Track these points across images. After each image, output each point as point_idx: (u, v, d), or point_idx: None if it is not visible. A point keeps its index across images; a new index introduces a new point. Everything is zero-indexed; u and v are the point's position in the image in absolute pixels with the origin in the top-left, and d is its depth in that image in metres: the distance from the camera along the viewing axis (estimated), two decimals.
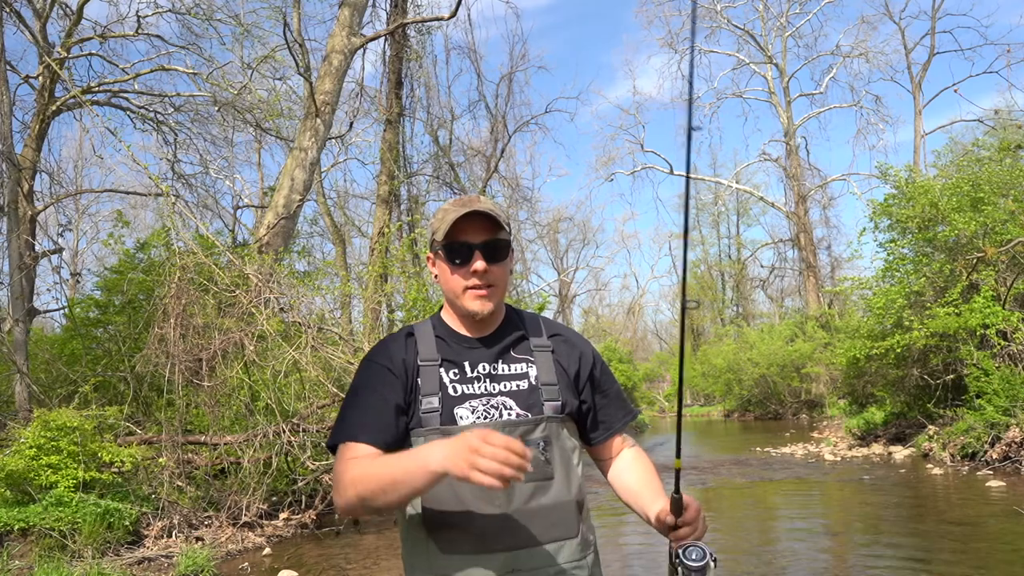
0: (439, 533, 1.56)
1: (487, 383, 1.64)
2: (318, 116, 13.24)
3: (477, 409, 1.61)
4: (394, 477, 1.44)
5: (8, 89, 10.75)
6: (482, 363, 1.67)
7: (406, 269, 15.44)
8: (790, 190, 34.66)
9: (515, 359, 1.69)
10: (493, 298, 1.67)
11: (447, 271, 1.69)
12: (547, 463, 1.60)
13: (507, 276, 1.72)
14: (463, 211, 1.64)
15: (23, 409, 9.02)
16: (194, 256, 9.15)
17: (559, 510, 1.60)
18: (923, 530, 7.46)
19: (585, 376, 1.74)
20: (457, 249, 1.66)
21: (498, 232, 1.68)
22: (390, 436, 1.58)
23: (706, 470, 12.98)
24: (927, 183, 14.26)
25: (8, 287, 10.82)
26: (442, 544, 1.55)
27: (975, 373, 11.47)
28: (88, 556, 6.53)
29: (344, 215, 27.66)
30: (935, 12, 30.20)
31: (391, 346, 1.71)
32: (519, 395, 1.64)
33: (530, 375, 1.67)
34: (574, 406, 1.69)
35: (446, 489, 1.52)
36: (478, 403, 1.62)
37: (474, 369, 1.66)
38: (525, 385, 1.66)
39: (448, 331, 1.72)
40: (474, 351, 1.69)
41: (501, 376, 1.66)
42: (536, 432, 1.61)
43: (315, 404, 8.79)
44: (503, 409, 1.61)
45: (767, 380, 29.26)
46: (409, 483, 1.42)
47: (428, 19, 19.43)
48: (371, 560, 7.08)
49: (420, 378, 1.63)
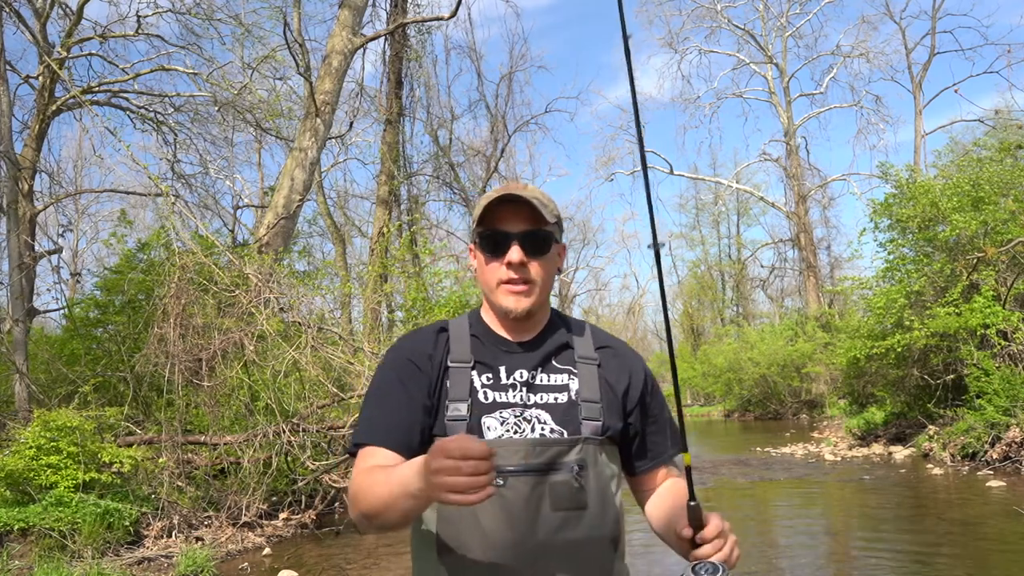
0: (451, 558, 1.38)
1: (523, 392, 1.47)
2: (318, 116, 13.24)
3: (508, 420, 1.44)
4: (389, 495, 1.29)
5: (8, 89, 10.75)
6: (520, 370, 1.49)
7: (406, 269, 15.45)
8: (790, 190, 34.66)
9: (556, 369, 1.52)
10: (530, 296, 1.50)
11: (482, 261, 1.54)
12: (580, 489, 1.40)
13: (550, 274, 1.55)
14: (499, 195, 1.49)
15: (23, 409, 9.02)
16: (194, 256, 9.15)
17: (591, 546, 1.41)
18: (923, 530, 7.46)
19: (635, 397, 1.55)
20: (493, 238, 1.50)
21: (541, 223, 1.51)
22: (414, 439, 1.43)
23: (706, 470, 12.98)
24: (928, 183, 14.27)
25: (8, 287, 10.82)
26: (454, 571, 1.38)
27: (975, 373, 11.47)
28: (88, 556, 6.52)
29: (344, 215, 27.68)
30: (935, 12, 30.21)
31: (420, 339, 1.55)
32: (556, 409, 1.46)
33: (571, 388, 1.49)
34: (617, 429, 1.50)
35: (464, 512, 1.36)
36: (509, 414, 1.45)
37: (510, 376, 1.49)
38: (564, 399, 1.48)
39: (485, 330, 1.55)
40: (512, 355, 1.52)
41: (539, 386, 1.48)
42: (571, 454, 1.42)
43: (315, 404, 8.78)
44: (536, 423, 1.44)
45: (767, 380, 29.25)
46: (399, 506, 1.27)
47: (428, 19, 19.44)
48: (371, 560, 7.08)
49: (449, 380, 1.47)
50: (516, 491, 1.37)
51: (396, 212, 20.79)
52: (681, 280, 49.09)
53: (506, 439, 1.41)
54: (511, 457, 1.38)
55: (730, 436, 23.39)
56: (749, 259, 45.25)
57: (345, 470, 8.66)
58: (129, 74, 15.68)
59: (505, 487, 1.36)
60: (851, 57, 33.42)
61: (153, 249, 11.50)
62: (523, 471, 1.38)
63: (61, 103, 14.23)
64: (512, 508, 1.36)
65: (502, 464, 1.35)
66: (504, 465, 1.36)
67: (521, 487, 1.37)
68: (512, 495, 1.36)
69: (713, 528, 1.28)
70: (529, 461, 1.38)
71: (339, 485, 8.55)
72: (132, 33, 15.05)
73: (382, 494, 1.31)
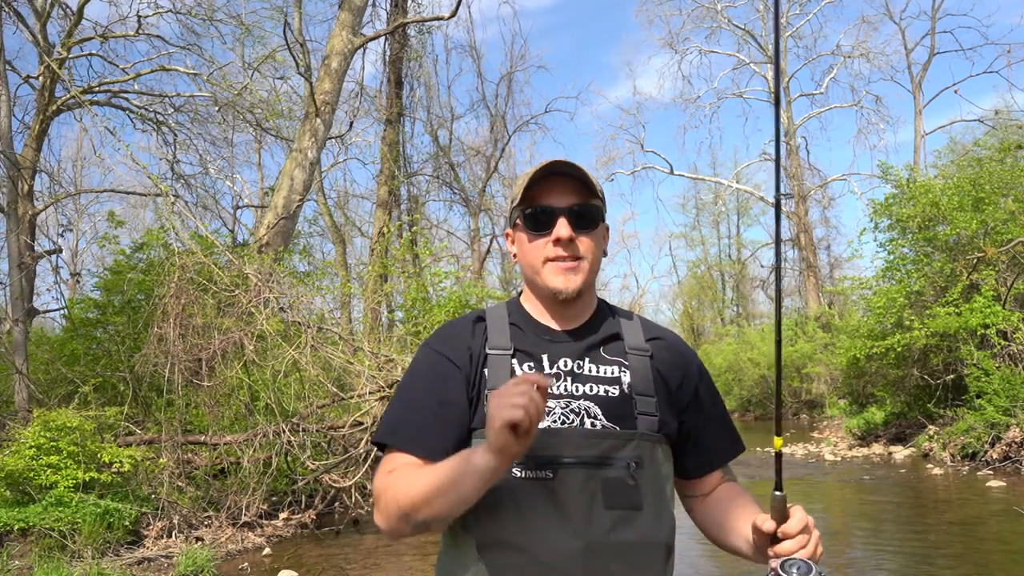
0: (494, 557, 1.26)
1: (568, 382, 1.35)
2: (318, 116, 13.23)
3: (553, 412, 1.31)
4: (440, 482, 1.20)
5: (8, 89, 10.75)
6: (564, 358, 1.38)
7: (406, 269, 15.45)
8: (790, 190, 34.64)
9: (606, 360, 1.40)
10: (579, 274, 1.38)
11: (525, 240, 1.41)
12: (635, 488, 1.29)
13: (599, 253, 1.44)
14: (543, 168, 1.39)
15: (23, 409, 9.02)
16: (193, 256, 9.16)
17: (644, 551, 1.28)
18: (923, 530, 7.45)
19: (689, 392, 1.44)
20: (536, 215, 1.39)
21: (589, 197, 1.41)
22: (448, 443, 1.31)
23: None
24: (928, 183, 14.28)
25: (8, 287, 10.82)
26: (496, 570, 1.26)
27: (975, 373, 11.47)
28: (88, 556, 6.52)
29: (344, 215, 27.67)
30: (935, 12, 30.20)
31: (455, 332, 1.43)
32: (607, 403, 1.34)
33: (623, 381, 1.37)
34: (673, 427, 1.39)
35: (508, 505, 1.25)
36: (555, 404, 1.32)
37: (553, 365, 1.37)
38: (616, 392, 1.35)
39: (526, 318, 1.44)
40: (556, 344, 1.40)
41: (587, 377, 1.36)
42: (626, 449, 1.30)
43: (315, 404, 8.79)
44: (585, 416, 1.32)
45: (767, 380, 29.24)
46: (456, 489, 1.19)
47: (428, 19, 19.45)
48: (371, 560, 7.08)
49: (487, 369, 1.35)
50: (567, 484, 1.26)
51: (396, 212, 20.80)
52: (681, 280, 49.12)
53: (556, 428, 1.30)
54: (562, 447, 1.27)
55: None
56: (749, 259, 45.25)
57: (345, 470, 8.66)
58: (129, 74, 15.68)
59: (555, 479, 1.26)
60: (851, 57, 33.42)
61: (152, 249, 11.50)
62: (575, 463, 1.27)
63: (61, 103, 14.23)
64: (563, 502, 1.25)
65: (552, 455, 1.26)
66: (555, 456, 1.26)
67: (573, 480, 1.26)
68: (563, 488, 1.26)
69: (798, 522, 1.21)
70: (581, 453, 1.28)
71: (339, 485, 8.55)
72: (132, 33, 15.06)
73: (430, 482, 1.22)
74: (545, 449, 1.26)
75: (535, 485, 1.25)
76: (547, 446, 1.26)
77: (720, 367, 32.65)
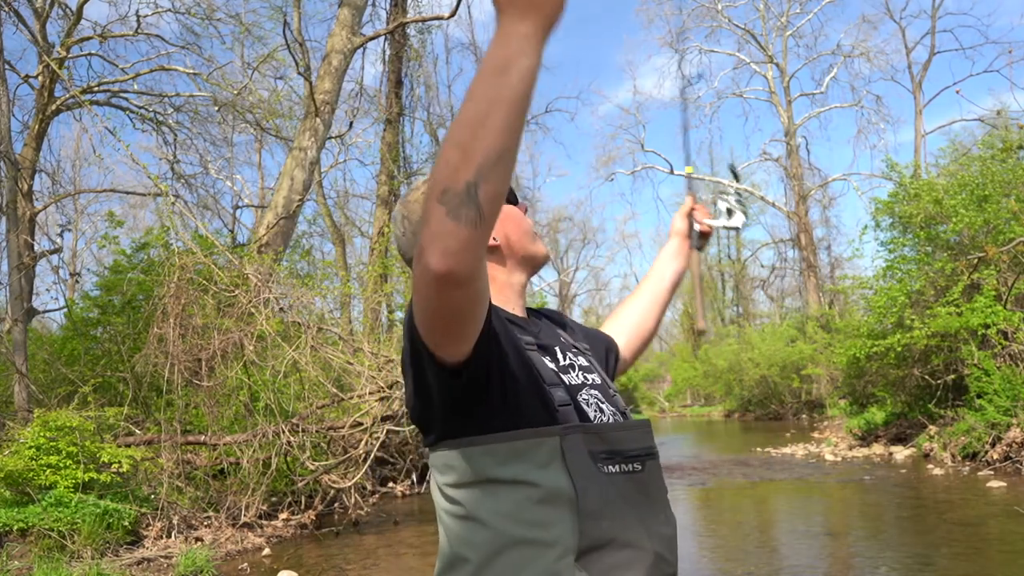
0: (601, 559, 1.14)
1: (580, 373, 1.32)
2: (318, 116, 13.23)
3: (590, 402, 1.27)
4: (478, 100, 0.94)
5: (8, 89, 10.74)
6: (569, 350, 1.35)
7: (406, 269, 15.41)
8: (790, 190, 34.65)
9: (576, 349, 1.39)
10: None
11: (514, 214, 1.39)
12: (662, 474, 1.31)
13: None
14: None
15: (22, 409, 9.02)
16: (193, 256, 9.15)
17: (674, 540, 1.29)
18: (923, 530, 7.44)
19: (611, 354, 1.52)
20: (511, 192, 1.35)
21: None
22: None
23: (706, 470, 12.97)
24: (931, 181, 14.27)
25: (7, 287, 10.82)
26: (602, 568, 1.14)
27: (976, 373, 11.45)
28: (87, 556, 6.52)
29: (344, 215, 27.65)
30: (935, 11, 30.19)
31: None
32: (600, 389, 1.32)
33: (595, 367, 1.37)
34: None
35: (616, 503, 1.16)
36: (588, 395, 1.29)
37: (565, 356, 1.33)
38: (598, 379, 1.35)
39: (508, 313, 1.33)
40: (550, 333, 1.37)
41: (584, 367, 1.35)
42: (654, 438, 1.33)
43: (315, 404, 8.78)
44: (600, 404, 1.29)
45: (768, 380, 29.25)
46: (501, 87, 0.93)
47: (428, 18, 19.42)
48: (371, 560, 7.07)
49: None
50: (653, 475, 1.25)
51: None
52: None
53: (628, 422, 1.29)
54: (637, 440, 1.24)
55: (731, 436, 23.38)
56: (749, 259, 45.26)
57: (344, 471, 8.66)
58: (129, 74, 15.69)
59: (644, 472, 1.23)
60: (851, 57, 33.42)
61: (152, 249, 11.51)
62: (649, 454, 1.25)
63: (61, 103, 14.24)
64: (653, 493, 1.24)
65: (632, 448, 1.23)
66: (633, 449, 1.23)
67: (655, 471, 1.26)
68: (651, 479, 1.24)
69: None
70: (650, 444, 1.27)
71: (339, 485, 8.55)
72: (132, 33, 15.06)
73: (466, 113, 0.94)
74: (623, 443, 1.22)
75: (627, 479, 1.20)
76: (622, 440, 1.22)
77: (721, 368, 32.64)
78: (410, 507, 10.28)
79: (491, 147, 0.93)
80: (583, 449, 1.16)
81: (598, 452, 1.17)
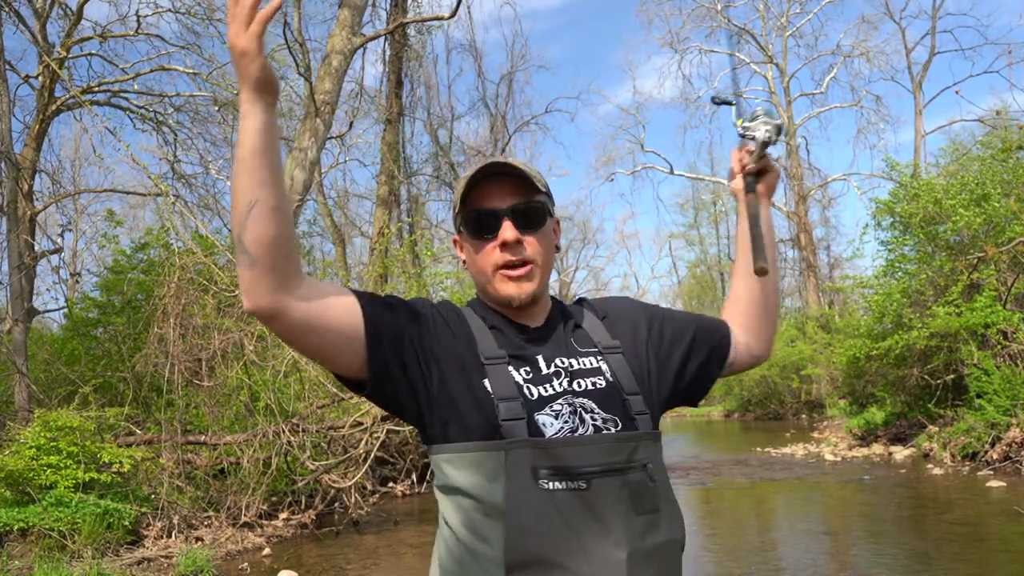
0: (525, 575, 1.15)
1: (566, 381, 1.29)
2: (318, 116, 13.23)
3: (562, 414, 1.24)
4: (238, 156, 1.13)
5: (8, 89, 10.75)
6: (558, 357, 1.31)
7: (406, 269, 15.44)
8: (790, 190, 34.64)
9: (583, 352, 1.35)
10: (533, 280, 1.32)
11: (471, 249, 1.34)
12: (654, 489, 1.24)
13: (549, 252, 1.37)
14: (480, 168, 1.30)
15: (23, 409, 9.02)
16: (193, 256, 9.15)
17: (669, 551, 1.25)
18: (923, 530, 7.45)
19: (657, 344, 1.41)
20: (479, 219, 1.31)
21: (532, 194, 1.33)
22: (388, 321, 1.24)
23: (706, 470, 12.98)
24: (931, 181, 14.28)
25: (8, 287, 10.82)
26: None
27: (976, 373, 11.46)
28: (88, 556, 6.52)
29: (344, 215, 27.67)
30: (935, 12, 30.20)
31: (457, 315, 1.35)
32: (599, 395, 1.29)
33: (604, 371, 1.32)
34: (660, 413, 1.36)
35: (547, 520, 1.16)
36: (562, 406, 1.25)
37: (550, 365, 1.30)
38: (602, 383, 1.30)
39: (501, 319, 1.34)
40: (542, 343, 1.33)
41: (578, 372, 1.31)
42: (640, 451, 1.25)
43: (315, 404, 8.78)
44: (583, 413, 1.26)
45: (767, 380, 29.25)
46: (242, 150, 1.13)
47: (428, 18, 19.43)
48: (371, 560, 7.08)
49: (488, 380, 1.26)
50: (603, 493, 1.20)
51: (396, 212, 20.79)
52: (681, 280, 49.12)
53: (585, 436, 1.23)
54: (593, 456, 1.21)
55: (730, 436, 23.38)
56: None
57: (344, 471, 8.66)
58: (129, 74, 15.70)
59: (590, 490, 1.19)
60: (851, 57, 33.42)
61: (153, 249, 11.51)
62: (605, 471, 1.21)
63: (61, 103, 14.24)
64: (601, 512, 1.19)
65: (583, 464, 1.20)
66: (585, 465, 1.20)
67: (608, 488, 1.20)
68: (599, 498, 1.19)
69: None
70: (608, 459, 1.22)
71: (339, 485, 8.55)
72: (132, 33, 15.07)
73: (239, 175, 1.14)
74: (572, 459, 1.19)
75: (570, 497, 1.18)
76: (573, 456, 1.20)
77: None
78: (410, 507, 10.29)
79: (241, 199, 1.13)
80: (526, 465, 1.17)
81: (541, 468, 1.18)
